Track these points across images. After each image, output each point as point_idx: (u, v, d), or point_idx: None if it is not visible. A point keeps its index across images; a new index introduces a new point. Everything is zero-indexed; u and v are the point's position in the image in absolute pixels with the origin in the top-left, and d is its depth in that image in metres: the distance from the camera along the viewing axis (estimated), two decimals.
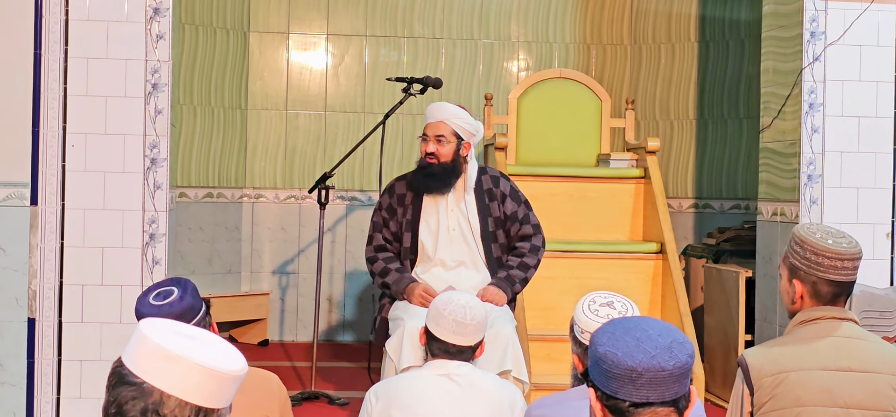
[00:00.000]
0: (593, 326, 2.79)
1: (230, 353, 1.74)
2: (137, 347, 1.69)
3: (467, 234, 4.74)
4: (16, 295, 4.62)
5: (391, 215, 4.80)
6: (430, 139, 4.72)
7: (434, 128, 4.72)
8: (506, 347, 4.35)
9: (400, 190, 4.83)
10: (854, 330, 2.88)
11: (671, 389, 1.88)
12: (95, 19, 4.66)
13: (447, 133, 4.70)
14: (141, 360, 1.68)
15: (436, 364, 3.35)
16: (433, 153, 4.70)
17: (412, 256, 4.76)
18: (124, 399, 1.67)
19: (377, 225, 4.83)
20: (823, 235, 2.87)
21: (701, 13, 7.52)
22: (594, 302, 2.85)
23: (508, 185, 4.83)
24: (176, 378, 1.67)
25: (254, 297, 7.24)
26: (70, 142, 4.66)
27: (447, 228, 4.74)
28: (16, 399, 4.62)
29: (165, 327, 1.73)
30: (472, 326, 3.35)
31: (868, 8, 5.03)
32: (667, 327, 1.94)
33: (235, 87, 7.36)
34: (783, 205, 5.21)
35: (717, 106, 7.46)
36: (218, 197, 7.28)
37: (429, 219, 4.76)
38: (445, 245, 4.73)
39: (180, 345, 1.68)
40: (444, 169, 4.70)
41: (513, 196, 4.81)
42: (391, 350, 4.40)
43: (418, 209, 4.77)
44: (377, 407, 3.32)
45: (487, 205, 4.76)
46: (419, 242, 4.75)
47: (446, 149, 4.70)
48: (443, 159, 4.70)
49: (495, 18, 7.66)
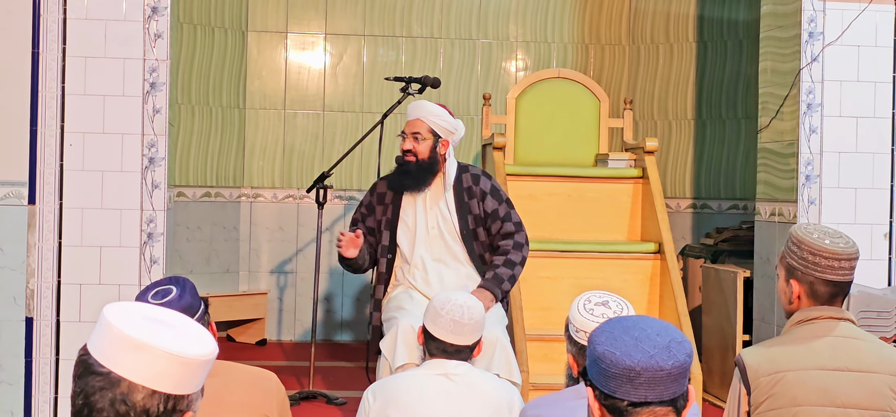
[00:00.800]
0: (589, 325, 2.79)
1: (199, 336, 1.69)
2: (103, 335, 1.65)
3: (447, 232, 4.75)
4: (13, 294, 4.62)
5: (370, 212, 4.85)
6: (407, 136, 4.75)
7: (411, 126, 4.75)
8: (494, 351, 4.35)
9: (380, 188, 4.87)
10: (851, 330, 2.89)
11: (669, 389, 1.88)
12: (93, 18, 4.66)
13: (423, 130, 4.72)
14: (107, 348, 1.65)
15: (434, 364, 3.35)
16: (410, 150, 4.72)
17: (390, 255, 4.78)
18: (92, 390, 1.64)
19: (355, 220, 4.90)
20: (820, 235, 2.88)
21: (699, 13, 7.53)
22: (589, 301, 2.86)
23: (488, 184, 4.82)
24: (143, 367, 1.63)
25: (252, 297, 7.24)
26: (68, 141, 4.65)
27: (425, 226, 4.76)
28: (13, 398, 4.62)
29: (132, 311, 1.69)
30: (469, 326, 3.35)
31: (866, 8, 5.03)
32: (665, 326, 1.94)
33: (233, 87, 7.36)
34: (781, 205, 5.21)
35: (715, 106, 7.46)
36: (216, 196, 7.28)
37: (406, 218, 4.79)
38: (423, 243, 4.75)
39: (146, 332, 1.64)
40: (420, 167, 4.73)
41: (493, 194, 4.80)
42: (385, 349, 4.40)
43: (397, 207, 4.80)
44: (375, 406, 3.32)
45: (467, 203, 4.77)
46: (397, 240, 4.77)
47: (423, 147, 4.72)
48: (420, 156, 4.73)
49: (494, 18, 7.66)
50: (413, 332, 4.33)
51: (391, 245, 4.79)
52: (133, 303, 1.72)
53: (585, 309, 2.84)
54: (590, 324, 2.79)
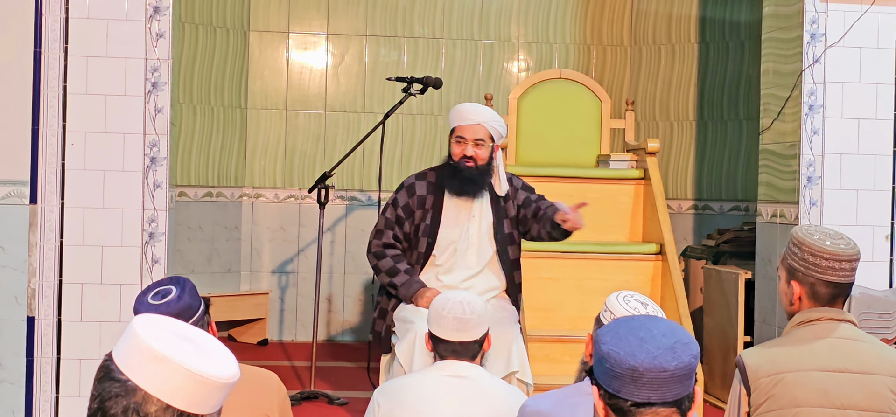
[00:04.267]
0: (621, 312, 2.80)
1: (222, 359, 1.70)
2: (127, 343, 1.66)
3: (485, 240, 4.65)
4: (15, 293, 4.62)
5: (408, 215, 4.65)
6: (467, 141, 4.57)
7: (472, 132, 4.57)
8: (511, 348, 4.33)
9: (420, 191, 4.68)
10: (852, 331, 2.89)
11: (673, 390, 1.87)
12: (95, 18, 4.66)
13: (485, 136, 4.58)
14: (129, 357, 1.65)
15: (444, 365, 3.34)
16: (471, 156, 4.58)
17: (424, 262, 4.64)
18: (108, 395, 1.64)
19: (389, 221, 4.66)
20: (821, 236, 2.88)
21: (701, 14, 7.52)
22: (629, 296, 2.86)
23: (520, 181, 4.78)
24: (161, 380, 1.63)
25: (253, 297, 7.24)
26: (70, 141, 4.66)
27: (467, 235, 4.63)
28: (15, 398, 4.62)
29: (161, 325, 1.69)
30: (473, 320, 3.35)
31: (868, 10, 5.03)
32: (672, 327, 1.92)
33: (235, 86, 7.36)
34: (783, 206, 5.20)
35: (716, 107, 7.46)
36: (217, 196, 7.28)
37: (449, 225, 4.64)
38: (463, 253, 4.62)
39: (170, 346, 1.65)
40: (481, 172, 4.59)
41: (524, 188, 4.76)
42: (402, 356, 4.32)
43: (438, 213, 4.65)
44: (383, 407, 3.31)
45: (503, 207, 4.69)
46: (437, 248, 4.63)
47: (484, 153, 4.58)
48: (480, 162, 4.59)
49: (495, 19, 7.66)
50: None
51: (428, 252, 4.64)
52: (165, 318, 1.72)
53: (623, 299, 2.85)
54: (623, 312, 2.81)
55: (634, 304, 2.82)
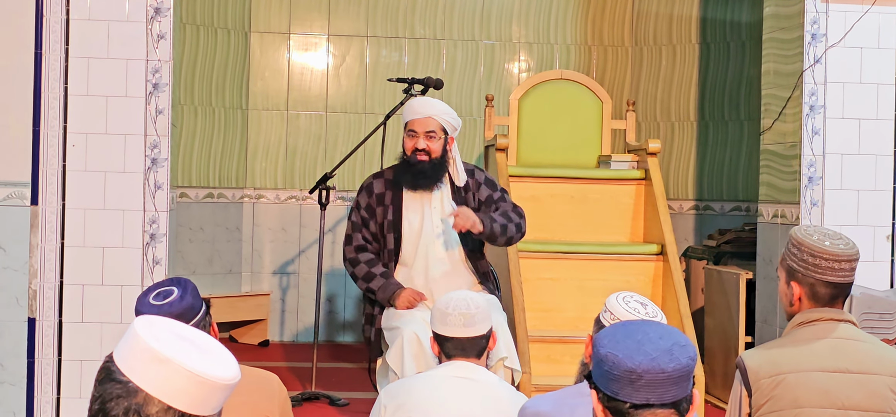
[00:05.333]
0: (622, 313, 2.81)
1: (223, 360, 1.70)
2: (129, 344, 1.66)
3: (449, 229, 4.72)
4: (16, 294, 4.62)
5: (370, 215, 4.77)
6: (418, 135, 4.68)
7: (423, 124, 4.69)
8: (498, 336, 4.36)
9: (378, 188, 4.79)
10: (852, 331, 2.89)
11: (671, 391, 1.88)
12: (96, 19, 4.66)
13: (436, 128, 4.68)
14: (130, 358, 1.66)
15: (452, 365, 3.35)
16: (424, 149, 4.67)
17: (396, 259, 4.74)
18: (109, 396, 1.65)
19: (356, 224, 4.80)
20: (820, 237, 2.88)
21: (702, 15, 7.53)
22: (628, 297, 2.88)
23: (483, 175, 4.84)
24: (162, 381, 1.63)
25: (254, 298, 7.24)
26: (71, 142, 4.66)
27: (431, 226, 4.72)
28: (16, 399, 4.63)
29: (162, 326, 1.70)
30: (478, 314, 3.36)
31: (869, 10, 5.03)
32: (669, 330, 1.94)
33: (236, 88, 7.36)
34: (784, 207, 5.21)
35: (717, 108, 7.46)
36: (218, 197, 7.29)
37: (411, 218, 4.74)
38: (428, 244, 4.71)
39: (171, 348, 1.65)
40: (434, 165, 4.69)
41: (488, 184, 4.82)
42: (393, 363, 4.36)
43: (399, 208, 4.74)
44: (389, 408, 3.32)
45: (464, 199, 4.76)
46: (404, 241, 4.73)
47: (436, 145, 4.68)
48: (433, 155, 4.68)
49: (496, 19, 7.67)
50: (418, 341, 4.33)
51: (396, 248, 4.74)
52: (166, 319, 1.73)
53: (623, 300, 2.86)
54: (622, 313, 2.81)
55: (634, 305, 2.83)
